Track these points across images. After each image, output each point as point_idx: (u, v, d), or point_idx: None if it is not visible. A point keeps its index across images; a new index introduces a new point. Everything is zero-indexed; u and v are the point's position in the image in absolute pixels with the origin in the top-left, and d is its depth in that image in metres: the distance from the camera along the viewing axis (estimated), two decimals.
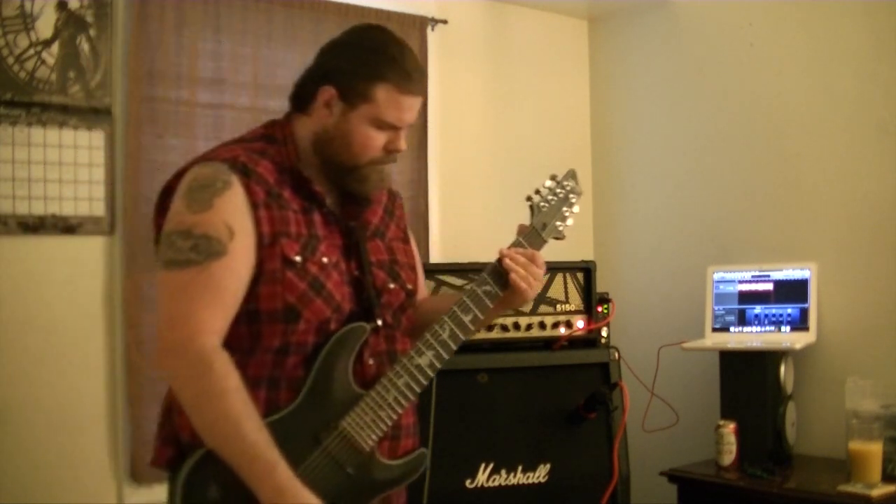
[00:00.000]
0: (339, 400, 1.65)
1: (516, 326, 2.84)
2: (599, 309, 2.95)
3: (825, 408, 2.97)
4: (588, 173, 3.88)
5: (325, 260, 1.67)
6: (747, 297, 3.08)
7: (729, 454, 2.86)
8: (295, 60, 3.04)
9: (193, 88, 2.83)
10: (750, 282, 3.08)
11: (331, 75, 1.70)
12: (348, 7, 3.16)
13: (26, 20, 2.58)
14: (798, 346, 2.86)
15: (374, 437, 1.66)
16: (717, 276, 3.15)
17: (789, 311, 3.00)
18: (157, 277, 1.63)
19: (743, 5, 3.31)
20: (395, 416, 1.68)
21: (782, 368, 2.89)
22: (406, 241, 1.91)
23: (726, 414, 2.94)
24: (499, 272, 1.80)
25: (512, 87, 3.68)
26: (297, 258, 1.63)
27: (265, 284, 1.61)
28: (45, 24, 2.61)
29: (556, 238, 1.93)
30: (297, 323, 1.62)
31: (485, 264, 2.87)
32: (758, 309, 3.05)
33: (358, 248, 1.75)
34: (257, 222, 1.61)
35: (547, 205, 1.92)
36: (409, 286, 1.83)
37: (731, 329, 3.09)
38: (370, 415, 1.65)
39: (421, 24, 3.33)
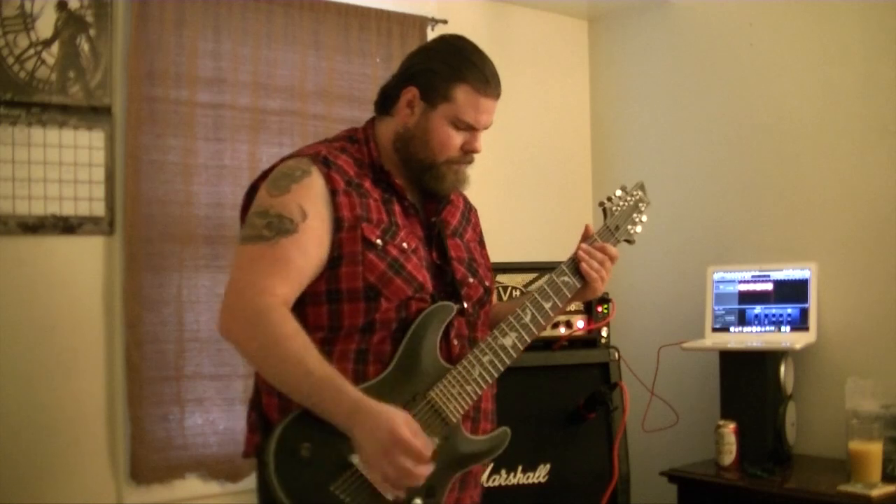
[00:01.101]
0: (427, 372, 1.73)
1: None
2: (599, 309, 2.95)
3: (825, 408, 2.97)
4: (588, 173, 3.88)
5: (404, 245, 1.78)
6: (747, 297, 3.08)
7: (729, 454, 2.86)
8: (295, 60, 3.04)
9: (193, 88, 2.83)
10: (750, 282, 3.08)
11: (414, 77, 1.84)
12: (348, 7, 3.15)
13: (26, 20, 2.58)
14: (798, 346, 2.86)
15: (460, 409, 1.73)
16: (717, 276, 3.16)
17: (789, 311, 3.00)
18: (234, 255, 1.77)
19: (743, 5, 3.31)
20: (479, 392, 1.76)
21: (782, 368, 2.89)
22: (482, 245, 2.06)
23: (726, 414, 2.94)
24: (576, 265, 1.93)
25: (512, 87, 3.67)
26: (378, 241, 1.75)
27: (346, 266, 1.72)
28: (45, 24, 2.61)
29: (628, 241, 2.08)
30: (378, 301, 1.72)
31: None
32: (758, 309, 3.05)
33: (439, 239, 1.87)
34: (336, 207, 1.74)
35: (618, 209, 2.06)
36: (487, 283, 1.95)
37: (731, 329, 3.09)
38: (457, 388, 1.74)
39: (421, 24, 3.33)
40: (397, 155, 1.86)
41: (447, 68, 1.81)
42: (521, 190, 3.65)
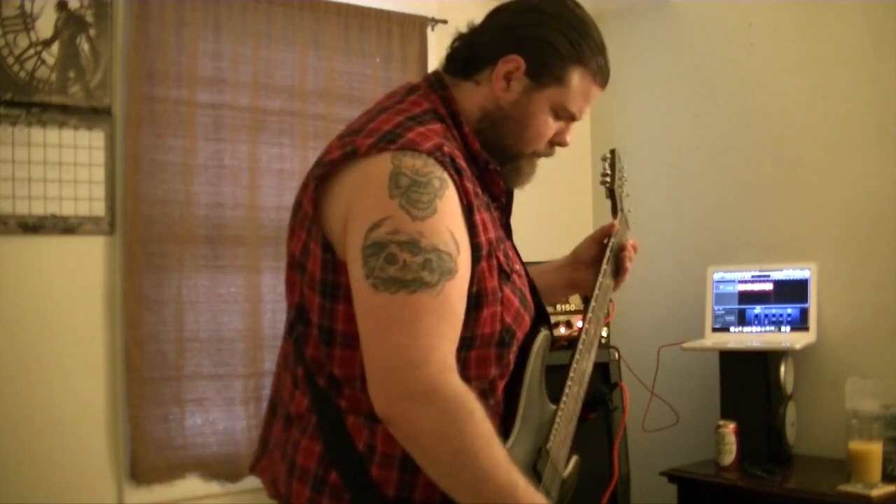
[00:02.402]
0: (543, 419, 1.47)
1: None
2: None
3: (825, 408, 2.97)
4: (588, 173, 3.88)
5: (517, 266, 1.47)
6: (747, 297, 3.08)
7: (729, 454, 2.86)
8: (295, 60, 3.04)
9: (193, 88, 2.83)
10: (750, 282, 3.08)
11: (523, 44, 1.44)
12: (348, 7, 3.15)
13: (26, 20, 2.58)
14: (798, 346, 2.86)
15: (567, 453, 1.53)
16: (717, 276, 3.15)
17: (789, 311, 3.00)
18: (367, 301, 1.28)
19: (743, 5, 3.30)
20: (575, 429, 1.54)
21: (782, 368, 2.89)
22: None
23: (726, 414, 2.94)
24: (615, 265, 1.74)
25: None
26: (507, 269, 1.41)
27: (488, 306, 1.36)
28: (45, 24, 2.61)
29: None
30: (511, 346, 1.40)
31: None
32: (758, 309, 3.05)
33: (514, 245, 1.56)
34: (473, 231, 1.35)
35: (619, 189, 1.89)
36: None
37: (731, 329, 3.09)
38: (562, 431, 1.51)
39: (421, 24, 3.33)
40: (479, 137, 1.46)
41: (568, 44, 1.44)
42: (520, 190, 3.65)
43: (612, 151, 1.91)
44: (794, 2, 3.15)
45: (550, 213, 3.72)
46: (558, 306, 2.89)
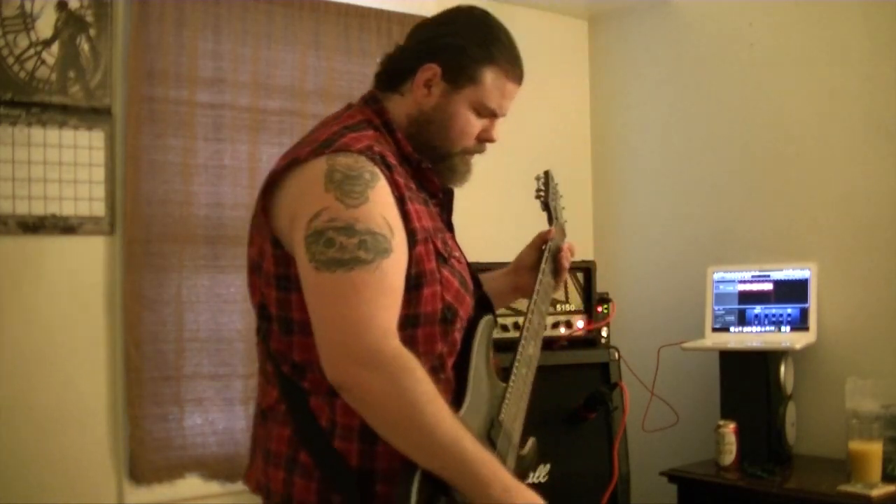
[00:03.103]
0: (494, 396, 1.59)
1: (516, 326, 2.84)
2: (599, 309, 2.95)
3: (825, 408, 2.97)
4: (588, 173, 3.88)
5: (456, 254, 1.61)
6: (747, 297, 3.08)
7: (729, 454, 2.86)
8: (295, 60, 3.04)
9: (193, 88, 2.83)
10: (750, 282, 3.08)
11: (436, 52, 1.59)
12: (348, 7, 3.15)
13: (26, 20, 2.58)
14: (798, 346, 2.86)
15: (520, 428, 1.64)
16: (717, 276, 3.15)
17: (789, 311, 3.00)
18: (312, 283, 1.41)
19: (743, 5, 3.31)
20: (526, 407, 1.66)
21: (782, 368, 2.89)
22: None
23: (726, 414, 2.94)
24: (555, 267, 1.87)
25: None
26: (445, 254, 1.54)
27: (428, 285, 1.48)
28: (45, 24, 2.61)
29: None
30: (455, 323, 1.53)
31: (485, 264, 2.87)
32: (758, 309, 3.05)
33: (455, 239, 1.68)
34: (406, 218, 1.48)
35: (555, 203, 2.03)
36: None
37: (731, 329, 3.09)
38: (514, 406, 1.61)
39: None
40: (411, 141, 1.60)
41: (476, 46, 1.59)
42: (520, 190, 3.64)
43: (546, 173, 2.07)
44: (794, 2, 3.15)
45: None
46: (558, 306, 2.89)
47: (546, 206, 1.99)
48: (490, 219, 3.48)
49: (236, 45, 2.92)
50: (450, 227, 1.70)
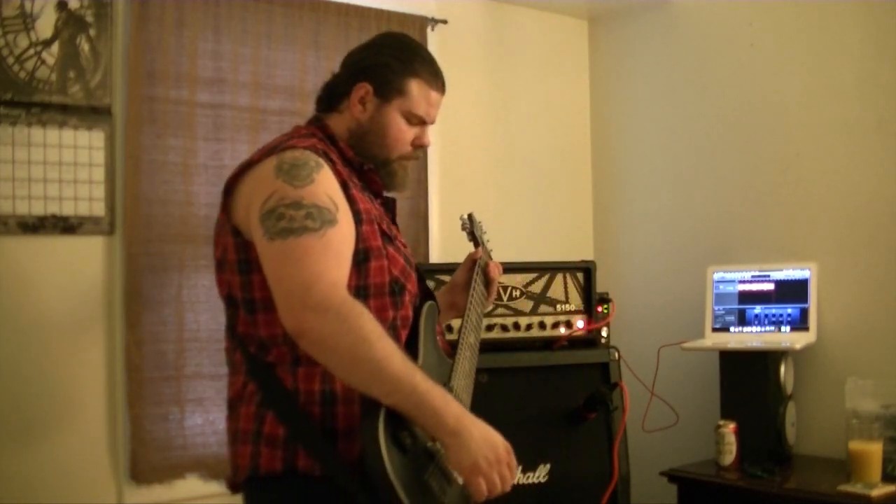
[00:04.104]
0: (443, 369, 1.77)
1: (516, 326, 2.85)
2: (599, 309, 2.95)
3: (825, 408, 2.97)
4: (588, 173, 3.88)
5: (398, 242, 1.80)
6: (747, 297, 3.08)
7: (729, 454, 2.86)
8: (295, 60, 3.04)
9: (193, 88, 2.83)
10: (750, 282, 3.08)
11: (366, 72, 1.81)
12: (348, 7, 3.15)
13: (26, 20, 2.58)
14: (798, 346, 2.86)
15: (469, 403, 1.79)
16: (717, 276, 3.15)
17: (789, 311, 3.00)
18: (267, 252, 1.59)
19: (743, 5, 3.31)
20: (472, 385, 1.84)
21: (782, 368, 2.89)
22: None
23: (726, 414, 2.94)
24: (484, 277, 2.12)
25: (512, 87, 3.68)
26: (390, 235, 1.75)
27: (375, 259, 1.68)
28: (45, 24, 2.61)
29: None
30: (403, 295, 1.72)
31: None
32: (758, 309, 3.05)
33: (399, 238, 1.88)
34: (351, 200, 1.67)
35: (481, 232, 2.29)
36: None
37: (731, 329, 3.09)
38: (463, 381, 1.79)
39: (421, 24, 3.33)
40: (353, 151, 1.81)
41: (399, 63, 1.81)
42: (521, 190, 3.65)
43: (469, 216, 2.28)
44: (794, 2, 3.15)
45: (550, 214, 3.72)
46: (558, 306, 2.89)
47: (472, 236, 2.24)
48: (489, 218, 3.48)
49: (236, 45, 2.92)
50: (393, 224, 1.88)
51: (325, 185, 1.63)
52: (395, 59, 1.81)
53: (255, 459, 1.62)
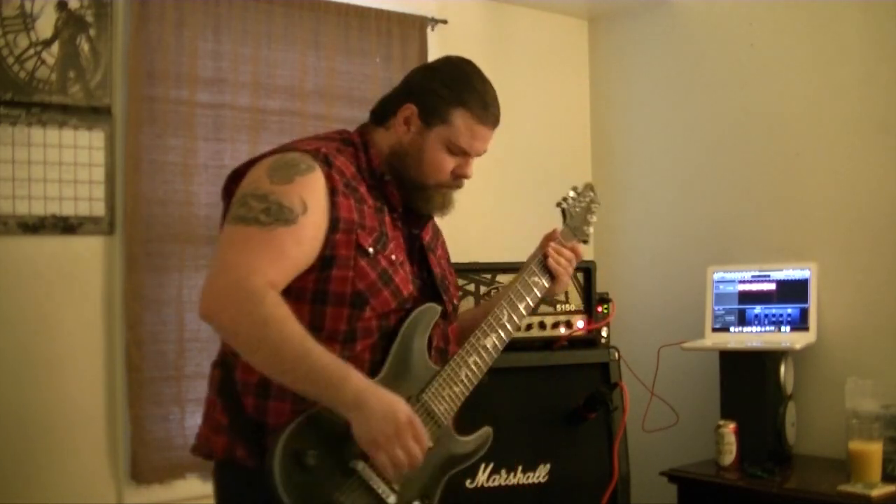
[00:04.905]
0: (418, 375, 1.73)
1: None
2: (599, 309, 2.94)
3: (825, 408, 2.97)
4: (588, 173, 3.88)
5: (393, 257, 1.75)
6: (747, 297, 3.08)
7: (729, 454, 2.86)
8: (295, 60, 3.04)
9: (193, 88, 2.83)
10: (750, 282, 3.08)
11: (414, 94, 1.80)
12: (348, 7, 3.16)
13: (26, 20, 2.58)
14: (798, 346, 2.86)
15: (451, 411, 1.75)
16: (717, 276, 3.15)
17: (789, 311, 3.00)
18: (221, 234, 1.67)
19: (743, 5, 3.31)
20: (467, 392, 1.77)
21: (782, 368, 2.89)
22: (450, 263, 2.02)
23: (726, 414, 2.94)
24: (544, 264, 1.95)
25: (512, 87, 3.67)
26: (370, 249, 1.70)
27: (338, 268, 1.67)
28: (45, 24, 2.61)
29: (583, 241, 2.08)
30: (363, 310, 1.68)
31: (486, 264, 2.87)
32: (758, 309, 3.05)
33: (423, 253, 1.87)
34: (334, 207, 1.67)
35: (575, 211, 2.07)
36: (455, 302, 1.95)
37: (731, 329, 3.09)
38: (446, 390, 1.74)
39: (421, 24, 3.33)
40: (391, 169, 1.81)
41: (448, 91, 1.78)
42: (521, 190, 3.65)
43: (589, 184, 2.15)
44: (795, 2, 3.15)
45: (550, 214, 3.72)
46: (558, 306, 2.89)
47: (563, 212, 2.07)
48: (489, 219, 3.48)
49: (236, 45, 2.92)
50: (412, 242, 1.85)
51: (303, 188, 1.65)
52: (445, 86, 1.79)
53: (207, 442, 1.74)
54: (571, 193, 2.09)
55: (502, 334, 1.85)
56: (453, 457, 1.79)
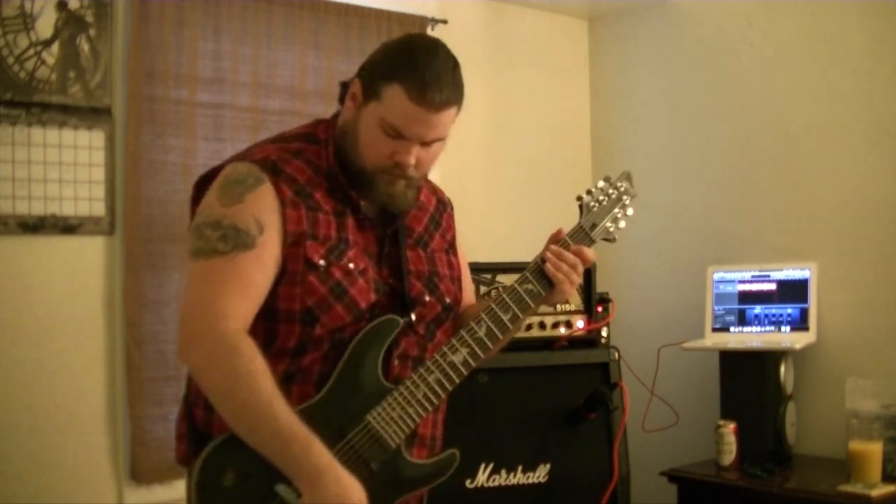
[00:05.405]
0: (367, 393, 1.61)
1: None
2: (599, 309, 2.94)
3: (825, 408, 2.97)
4: (588, 173, 3.88)
5: (351, 266, 1.62)
6: (747, 297, 3.08)
7: (729, 454, 2.86)
8: (295, 60, 3.04)
9: (193, 88, 2.83)
10: (750, 282, 3.08)
11: (362, 68, 1.68)
12: (348, 7, 3.15)
13: (26, 20, 2.58)
14: (798, 346, 2.86)
15: (400, 433, 1.61)
16: (717, 276, 3.15)
17: (789, 311, 3.00)
18: (187, 269, 1.66)
19: (743, 5, 3.31)
20: (423, 414, 1.63)
21: (782, 368, 2.89)
22: (452, 252, 1.85)
23: (726, 414, 2.94)
24: (542, 270, 1.74)
25: (512, 87, 3.68)
26: (321, 262, 1.60)
27: (285, 285, 1.59)
28: (45, 24, 2.61)
29: (607, 240, 1.87)
30: (314, 327, 1.59)
31: (486, 264, 2.86)
32: (758, 309, 3.05)
33: (393, 255, 1.71)
34: (284, 220, 1.59)
35: (598, 205, 1.86)
36: (448, 300, 1.76)
37: (731, 329, 3.09)
38: (398, 411, 1.61)
39: (421, 24, 3.33)
40: (339, 155, 1.67)
41: (387, 64, 1.62)
42: (521, 190, 3.65)
43: (625, 173, 1.94)
44: (794, 2, 3.15)
45: (550, 214, 3.72)
46: (558, 306, 2.89)
47: (580, 207, 1.87)
48: (489, 218, 3.48)
49: (236, 45, 2.92)
50: (383, 241, 1.70)
51: (254, 206, 1.57)
52: (386, 58, 1.63)
53: (177, 448, 1.70)
54: (600, 184, 1.88)
55: (477, 350, 1.66)
56: (404, 481, 1.65)
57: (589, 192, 1.87)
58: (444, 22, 3.40)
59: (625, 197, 1.90)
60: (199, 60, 2.85)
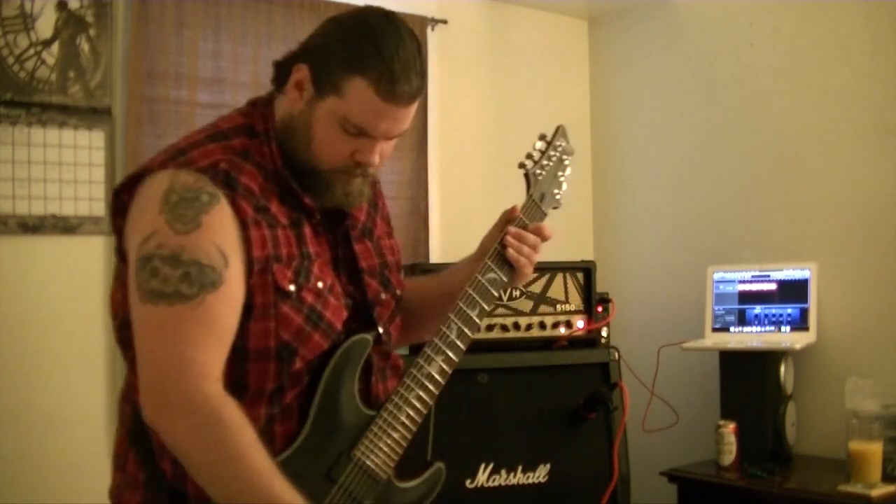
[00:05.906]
0: (348, 426, 1.46)
1: (516, 326, 2.84)
2: (599, 309, 2.94)
3: (825, 408, 2.97)
4: (588, 173, 3.88)
5: (320, 285, 1.44)
6: (747, 297, 3.08)
7: (729, 454, 2.86)
8: None
9: (193, 88, 2.83)
10: (750, 282, 3.08)
11: (309, 52, 1.44)
12: (348, 7, 3.15)
13: (26, 20, 2.58)
14: (798, 346, 2.86)
15: (390, 462, 1.48)
16: (717, 276, 3.15)
17: (789, 311, 3.00)
18: (138, 312, 1.34)
19: (743, 5, 3.30)
20: (409, 437, 1.49)
21: (782, 368, 2.89)
22: (391, 234, 1.68)
23: (726, 414, 2.94)
24: (502, 256, 1.60)
25: (512, 87, 3.68)
26: (291, 287, 1.40)
27: (256, 320, 1.38)
28: (45, 24, 2.61)
29: (555, 208, 1.74)
30: (292, 362, 1.41)
31: None
32: (758, 309, 3.05)
33: (348, 258, 1.54)
34: (247, 245, 1.36)
35: (543, 172, 1.73)
36: (398, 291, 1.63)
37: (731, 329, 3.09)
38: (384, 439, 1.47)
39: (421, 24, 3.33)
40: (283, 149, 1.45)
41: (346, 53, 1.39)
42: (521, 190, 3.65)
43: (558, 128, 1.81)
44: (794, 2, 3.15)
45: (550, 213, 3.72)
46: (558, 306, 2.89)
47: (526, 177, 1.70)
48: (488, 218, 3.47)
49: (236, 45, 2.92)
50: (335, 248, 1.54)
51: (215, 231, 1.33)
52: (345, 46, 1.40)
53: (121, 496, 1.51)
54: (538, 145, 1.73)
55: (451, 354, 1.52)
56: None
57: (529, 157, 1.72)
58: (444, 22, 3.40)
59: (564, 157, 1.77)
60: (198, 60, 2.85)
